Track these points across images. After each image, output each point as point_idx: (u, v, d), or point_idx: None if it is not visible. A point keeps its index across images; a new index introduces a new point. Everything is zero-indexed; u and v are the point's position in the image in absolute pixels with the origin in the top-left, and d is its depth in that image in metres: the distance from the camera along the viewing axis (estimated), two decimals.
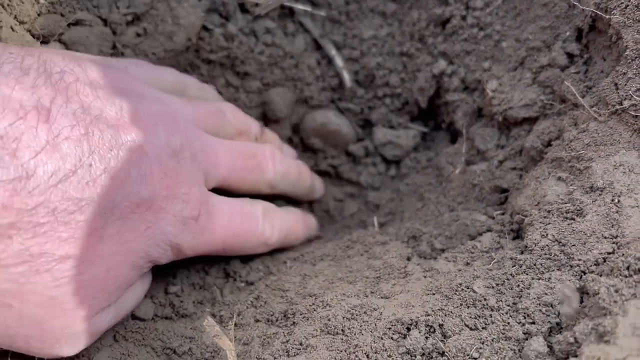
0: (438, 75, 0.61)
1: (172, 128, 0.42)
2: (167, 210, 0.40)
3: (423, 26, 0.61)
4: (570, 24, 0.50)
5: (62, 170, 0.33)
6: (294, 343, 0.40)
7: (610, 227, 0.38)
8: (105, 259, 0.36)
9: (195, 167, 0.43)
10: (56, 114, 0.34)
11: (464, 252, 0.47)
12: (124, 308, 0.42)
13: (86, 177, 0.34)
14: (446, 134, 0.66)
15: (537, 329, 0.36)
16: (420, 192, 0.62)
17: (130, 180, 0.37)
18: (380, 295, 0.44)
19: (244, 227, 0.49)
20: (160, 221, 0.40)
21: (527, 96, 0.52)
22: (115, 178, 0.36)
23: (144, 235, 0.39)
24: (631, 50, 0.42)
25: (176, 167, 0.41)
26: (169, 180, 0.40)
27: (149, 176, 0.38)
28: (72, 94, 0.36)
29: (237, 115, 0.54)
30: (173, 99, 0.46)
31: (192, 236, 0.43)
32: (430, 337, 0.38)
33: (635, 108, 0.41)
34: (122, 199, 0.36)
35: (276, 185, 0.55)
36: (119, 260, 0.37)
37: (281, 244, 0.55)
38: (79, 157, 0.34)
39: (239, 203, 0.49)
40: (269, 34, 0.62)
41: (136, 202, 0.37)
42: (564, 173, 0.44)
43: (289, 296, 0.47)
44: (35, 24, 0.48)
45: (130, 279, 0.40)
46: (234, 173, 0.49)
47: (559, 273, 0.38)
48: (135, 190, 0.37)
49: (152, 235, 0.39)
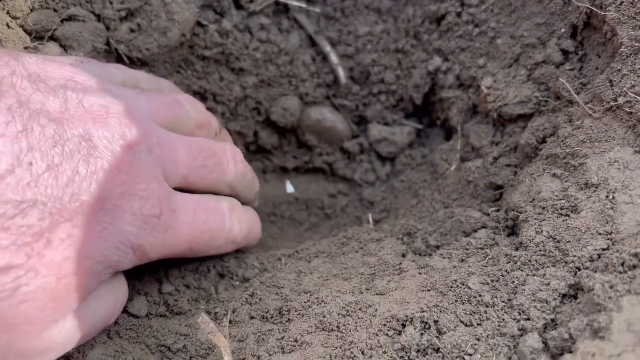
0: (433, 72, 0.61)
1: (126, 119, 0.38)
2: (123, 208, 0.37)
3: (418, 23, 0.61)
4: (565, 20, 0.50)
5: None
6: (289, 340, 0.40)
7: (604, 223, 0.38)
8: (54, 266, 0.32)
9: (152, 161, 0.40)
10: None
11: (459, 248, 0.47)
12: (87, 320, 0.38)
13: (26, 177, 0.30)
14: (441, 131, 0.66)
15: (532, 325, 0.36)
16: (415, 189, 0.62)
17: (78, 177, 0.33)
18: (375, 291, 0.44)
19: (211, 224, 0.46)
20: (116, 221, 0.36)
21: (521, 93, 0.52)
22: (61, 176, 0.32)
23: (99, 237, 0.35)
24: (626, 46, 0.42)
25: (132, 161, 0.37)
26: (123, 176, 0.37)
27: (100, 172, 0.35)
28: (7, 88, 0.32)
29: (196, 107, 0.51)
30: (125, 91, 0.43)
31: (155, 236, 0.40)
32: (425, 333, 0.38)
33: (630, 104, 0.41)
34: (69, 198, 0.33)
35: (236, 186, 0.52)
36: (72, 267, 0.33)
37: (245, 242, 0.52)
38: (16, 155, 0.30)
39: (203, 199, 0.46)
40: (264, 30, 0.62)
41: (87, 201, 0.34)
42: (559, 169, 0.44)
43: (283, 293, 0.47)
44: (28, 19, 0.48)
45: (86, 287, 0.36)
46: (193, 171, 0.45)
47: (554, 269, 0.38)
48: (85, 188, 0.34)
49: (108, 237, 0.36)
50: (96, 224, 0.35)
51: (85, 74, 0.40)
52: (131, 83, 0.48)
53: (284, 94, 0.64)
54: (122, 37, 0.53)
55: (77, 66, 0.41)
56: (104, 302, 0.40)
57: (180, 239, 0.42)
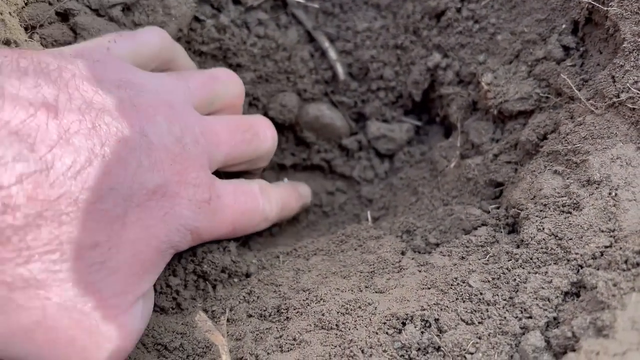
0: (432, 69, 0.61)
1: (170, 115, 0.42)
2: (181, 195, 0.41)
3: (418, 19, 0.61)
4: (567, 16, 0.50)
5: (78, 162, 0.34)
6: (288, 338, 0.40)
7: (607, 220, 0.38)
8: (130, 244, 0.37)
9: (199, 151, 0.44)
10: (63, 109, 0.34)
11: (459, 246, 0.47)
12: (149, 306, 0.42)
13: (102, 167, 0.35)
14: (440, 128, 0.66)
15: (534, 323, 0.35)
16: (414, 187, 0.62)
17: (142, 168, 0.38)
18: (374, 289, 0.44)
19: (248, 205, 0.50)
20: (176, 206, 0.41)
21: (522, 89, 0.51)
22: (129, 167, 0.37)
23: (163, 221, 0.40)
24: (629, 42, 0.41)
25: (182, 153, 0.42)
26: (178, 166, 0.41)
27: (159, 164, 0.39)
28: (73, 90, 0.36)
29: (233, 79, 0.53)
30: (164, 81, 0.46)
31: (208, 219, 0.44)
32: (426, 331, 0.37)
33: (633, 101, 0.40)
34: (137, 186, 0.37)
35: (272, 152, 0.55)
36: (143, 245, 0.38)
37: (279, 217, 0.56)
38: (91, 149, 0.35)
39: (239, 183, 0.50)
40: (262, 26, 0.61)
41: (152, 189, 0.38)
42: (560, 166, 0.44)
43: (282, 291, 0.46)
44: (23, 13, 0.47)
45: (156, 264, 0.40)
46: (234, 149, 0.49)
47: (556, 267, 0.38)
48: (149, 177, 0.38)
49: (171, 220, 0.40)
50: (160, 209, 0.39)
51: (128, 70, 0.43)
52: (168, 56, 0.50)
53: (282, 90, 0.63)
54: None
55: (116, 52, 0.44)
56: (151, 293, 0.43)
57: (226, 221, 0.47)
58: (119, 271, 0.36)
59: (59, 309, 0.34)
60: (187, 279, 0.49)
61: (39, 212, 0.32)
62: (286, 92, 0.63)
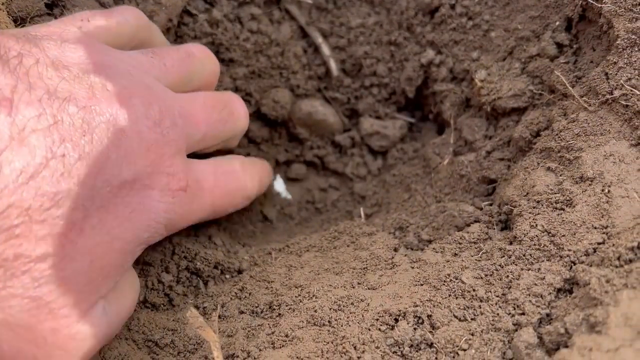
0: (426, 65, 0.60)
1: (148, 96, 0.39)
2: (152, 186, 0.38)
3: (411, 15, 0.61)
4: (560, 13, 0.50)
5: (31, 165, 0.30)
6: (280, 335, 0.39)
7: (600, 217, 0.38)
8: (87, 252, 0.34)
9: (177, 134, 0.40)
10: (19, 103, 0.31)
11: (452, 242, 0.47)
12: (122, 303, 0.39)
13: (59, 168, 0.31)
14: (433, 125, 0.66)
15: (527, 319, 0.35)
16: (407, 183, 0.62)
17: (109, 163, 0.34)
18: (367, 286, 0.44)
19: (230, 186, 0.48)
20: (145, 200, 0.38)
21: (516, 86, 0.51)
22: (93, 165, 0.33)
23: (129, 219, 0.36)
24: (622, 39, 0.41)
25: (158, 139, 0.38)
26: (152, 155, 0.38)
27: (130, 155, 0.36)
28: (34, 79, 0.33)
29: (209, 57, 0.50)
30: (140, 59, 0.43)
31: (183, 207, 0.41)
32: (419, 328, 0.37)
33: (626, 98, 0.40)
34: (102, 184, 0.34)
35: (244, 131, 0.53)
36: (103, 250, 0.35)
37: (258, 193, 0.54)
38: (49, 148, 0.31)
39: (218, 163, 0.48)
40: (254, 21, 0.61)
41: (118, 186, 0.35)
42: (554, 163, 0.44)
43: (274, 287, 0.46)
44: (12, 5, 0.46)
45: (119, 266, 0.37)
46: (211, 128, 0.46)
47: (549, 263, 0.38)
48: (116, 173, 0.35)
49: (138, 218, 0.37)
50: (125, 207, 0.36)
51: (101, 50, 0.40)
52: (144, 35, 0.47)
53: (275, 86, 0.63)
54: None
55: (89, 31, 0.41)
56: (133, 283, 0.41)
57: (205, 206, 0.44)
58: (71, 282, 0.33)
59: (2, 324, 0.31)
60: (179, 275, 0.49)
61: None
62: (279, 88, 0.63)
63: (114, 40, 0.43)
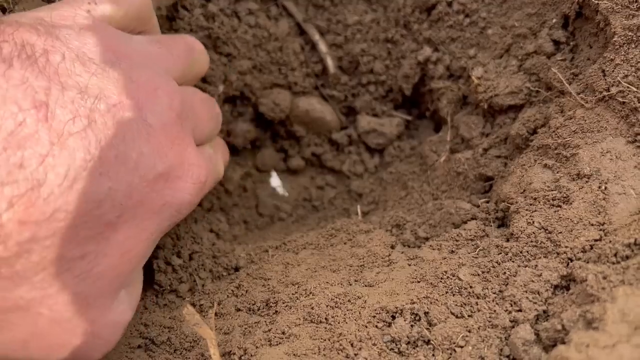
0: (423, 63, 0.60)
1: (169, 88, 0.39)
2: (183, 178, 0.38)
3: (408, 12, 0.61)
4: (557, 10, 0.50)
5: (72, 168, 0.30)
6: (276, 332, 0.39)
7: (597, 214, 0.38)
8: (118, 246, 0.35)
9: (190, 127, 0.41)
10: (54, 107, 0.31)
11: (449, 240, 0.46)
12: (137, 287, 0.41)
13: (98, 169, 0.32)
14: (430, 122, 0.65)
15: (524, 316, 0.35)
16: (404, 181, 0.62)
17: (143, 159, 0.35)
18: (364, 283, 0.43)
19: (215, 172, 0.48)
20: (177, 192, 0.38)
21: (512, 83, 0.51)
22: (128, 161, 0.34)
23: (159, 212, 0.37)
24: (619, 36, 0.41)
25: (180, 131, 0.39)
26: (177, 147, 0.38)
27: (160, 148, 0.36)
28: (65, 78, 0.32)
29: (201, 47, 0.50)
30: (150, 50, 0.42)
31: (199, 195, 0.41)
32: (416, 325, 0.37)
33: (623, 94, 0.40)
34: (139, 180, 0.34)
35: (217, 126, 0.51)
36: (132, 243, 0.36)
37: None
38: (87, 149, 0.31)
39: (205, 149, 0.47)
40: (252, 16, 0.60)
41: (153, 180, 0.35)
42: (550, 160, 0.44)
43: (271, 285, 0.46)
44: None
45: (143, 256, 0.38)
46: (207, 125, 0.46)
47: (546, 260, 0.38)
48: (151, 167, 0.35)
49: (167, 209, 0.38)
50: (160, 199, 0.36)
51: (119, 39, 0.39)
52: (147, 16, 0.45)
53: (274, 83, 0.63)
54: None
55: (107, 31, 0.39)
56: (139, 273, 0.41)
57: (205, 190, 0.44)
58: (105, 275, 0.34)
59: (50, 322, 0.32)
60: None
61: (32, 235, 0.29)
62: (280, 89, 0.63)
63: (122, 21, 0.42)
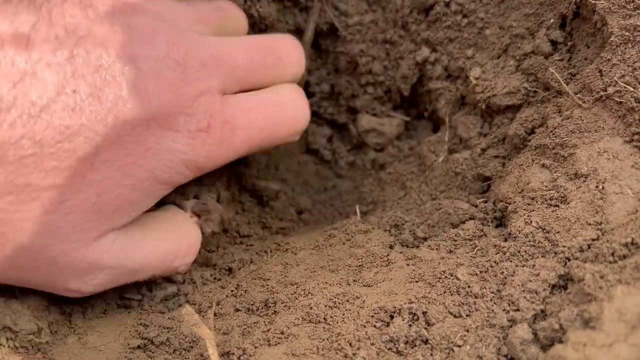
0: (421, 63, 0.60)
1: (174, 36, 0.38)
2: (168, 127, 0.38)
3: (406, 13, 0.61)
4: (554, 11, 0.50)
5: (43, 98, 0.32)
6: (275, 332, 0.40)
7: (594, 213, 0.38)
8: (94, 184, 0.35)
9: (204, 75, 0.40)
10: (35, 39, 0.32)
11: (447, 240, 0.47)
12: (139, 246, 0.40)
13: (70, 103, 0.33)
14: (428, 123, 0.66)
15: (521, 316, 0.35)
16: (403, 181, 0.62)
17: (121, 101, 0.35)
18: (362, 283, 0.44)
19: (271, 119, 0.45)
20: (162, 140, 0.37)
21: (510, 84, 0.51)
22: (104, 101, 0.34)
23: (144, 157, 0.37)
24: (616, 36, 0.42)
25: (178, 79, 0.38)
26: (169, 95, 0.37)
27: (145, 94, 0.36)
28: (57, 18, 0.33)
29: (236, 8, 0.50)
30: (174, 5, 0.42)
31: (208, 149, 0.40)
32: (414, 324, 0.37)
33: (620, 94, 0.41)
34: (114, 122, 0.34)
35: (299, 76, 0.50)
36: (112, 184, 0.36)
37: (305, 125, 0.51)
38: (61, 83, 0.32)
39: (260, 96, 0.46)
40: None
41: (131, 124, 0.35)
42: (548, 160, 0.44)
43: (269, 285, 0.46)
44: None
45: (133, 202, 0.38)
46: (251, 73, 0.45)
47: (544, 260, 0.38)
48: (130, 111, 0.35)
49: (154, 156, 0.37)
50: (140, 145, 0.36)
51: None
52: None
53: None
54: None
55: None
56: (165, 237, 0.42)
57: (237, 145, 0.43)
58: (78, 210, 0.35)
59: (15, 245, 0.34)
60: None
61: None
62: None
63: None
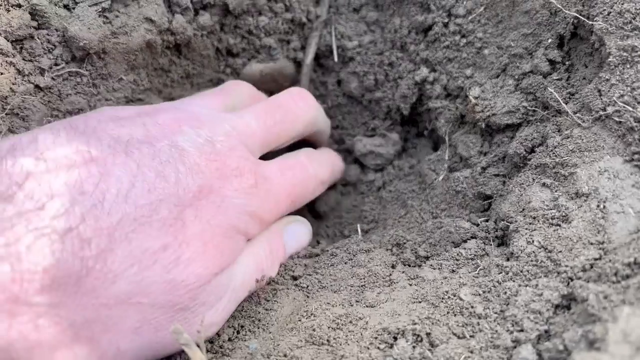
0: (420, 83, 0.61)
1: (194, 122, 0.46)
2: (226, 187, 0.44)
3: (405, 33, 0.61)
4: (552, 31, 0.51)
5: (123, 187, 0.38)
6: (278, 355, 0.39)
7: (596, 233, 0.38)
8: (197, 236, 0.41)
9: (233, 144, 0.47)
10: (95, 152, 0.39)
11: (449, 259, 0.47)
12: (237, 279, 0.45)
13: (145, 186, 0.39)
14: (428, 141, 0.66)
15: (525, 336, 0.35)
16: (403, 200, 0.62)
17: (181, 175, 0.42)
18: (365, 304, 0.43)
19: (298, 176, 0.53)
20: (226, 198, 0.44)
21: (509, 103, 0.52)
22: (169, 178, 0.41)
23: (219, 212, 0.43)
24: (614, 56, 0.42)
25: (215, 152, 0.45)
26: (215, 164, 0.44)
27: (196, 166, 0.43)
28: (101, 134, 0.41)
29: (242, 84, 0.58)
30: (183, 99, 0.52)
31: (261, 200, 0.47)
32: (418, 346, 0.37)
33: (619, 114, 0.41)
34: (183, 192, 0.41)
35: (313, 120, 0.57)
36: (210, 234, 0.42)
37: (332, 178, 0.61)
38: (131, 173, 0.39)
39: (283, 160, 0.54)
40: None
41: (197, 190, 0.42)
42: (549, 179, 0.44)
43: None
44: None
45: (230, 246, 0.44)
46: (268, 133, 0.52)
47: (546, 280, 0.38)
48: (190, 181, 0.42)
49: (226, 211, 0.44)
50: (212, 204, 0.43)
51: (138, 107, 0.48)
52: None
53: None
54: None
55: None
56: (243, 269, 0.46)
57: (281, 197, 0.51)
58: (195, 260, 0.40)
59: (152, 309, 0.38)
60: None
61: (108, 237, 0.36)
62: None
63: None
